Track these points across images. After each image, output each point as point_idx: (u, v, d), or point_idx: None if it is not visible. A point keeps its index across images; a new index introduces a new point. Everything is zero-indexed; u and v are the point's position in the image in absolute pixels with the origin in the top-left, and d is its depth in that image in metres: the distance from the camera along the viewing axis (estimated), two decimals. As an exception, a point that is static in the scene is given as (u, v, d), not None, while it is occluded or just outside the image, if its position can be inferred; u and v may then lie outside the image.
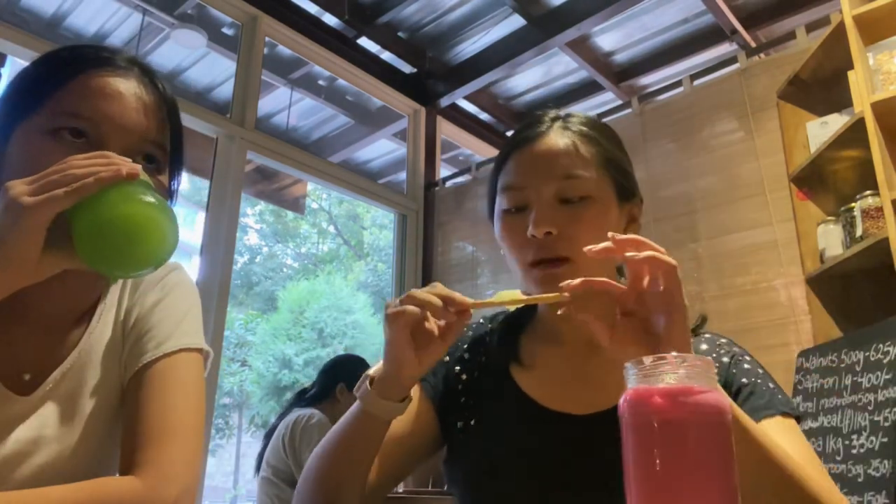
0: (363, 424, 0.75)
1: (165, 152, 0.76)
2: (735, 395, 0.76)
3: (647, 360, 0.49)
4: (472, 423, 0.84)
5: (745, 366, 0.80)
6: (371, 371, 0.76)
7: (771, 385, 0.78)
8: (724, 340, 0.84)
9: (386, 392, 0.73)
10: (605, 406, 0.78)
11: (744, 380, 0.77)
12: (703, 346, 0.83)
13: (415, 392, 0.85)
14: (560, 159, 0.80)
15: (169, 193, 0.79)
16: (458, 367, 0.89)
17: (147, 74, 0.76)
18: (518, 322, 0.92)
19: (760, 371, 0.80)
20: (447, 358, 0.90)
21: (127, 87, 0.73)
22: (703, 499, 0.45)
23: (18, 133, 0.70)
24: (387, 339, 0.71)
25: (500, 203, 0.84)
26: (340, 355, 2.95)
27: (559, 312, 0.64)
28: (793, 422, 0.75)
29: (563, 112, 0.87)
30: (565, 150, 0.81)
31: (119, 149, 0.69)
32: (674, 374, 0.47)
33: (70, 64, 0.72)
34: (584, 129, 0.84)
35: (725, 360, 0.80)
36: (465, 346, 0.92)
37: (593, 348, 0.84)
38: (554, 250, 0.78)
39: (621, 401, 0.50)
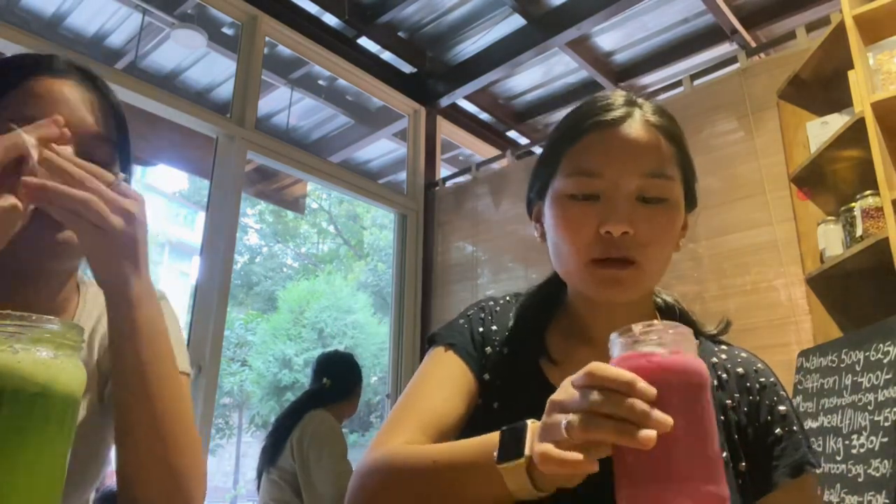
0: (482, 490, 0.60)
1: (113, 147, 0.77)
2: (762, 440, 0.74)
3: (637, 327, 0.50)
4: (495, 405, 0.78)
5: (782, 408, 0.75)
6: (528, 437, 0.57)
7: (801, 435, 0.76)
8: (760, 365, 0.80)
9: (534, 478, 0.56)
10: None
11: (777, 430, 0.74)
12: (739, 370, 0.78)
13: (460, 365, 0.79)
14: (647, 154, 0.74)
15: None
16: (483, 339, 0.83)
17: (87, 76, 0.77)
18: (544, 314, 0.85)
19: (795, 417, 0.77)
20: (481, 328, 0.84)
21: (72, 90, 0.74)
22: (690, 460, 0.46)
23: None
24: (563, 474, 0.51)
25: (564, 186, 0.75)
26: (322, 353, 2.90)
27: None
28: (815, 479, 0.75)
29: (633, 96, 0.79)
30: (652, 145, 0.74)
31: (74, 151, 0.69)
32: (660, 341, 0.48)
33: (13, 70, 0.73)
34: (664, 122, 0.77)
35: (757, 386, 0.77)
36: (493, 319, 0.85)
37: None
38: (624, 250, 0.71)
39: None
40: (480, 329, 0.84)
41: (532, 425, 0.58)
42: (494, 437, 0.60)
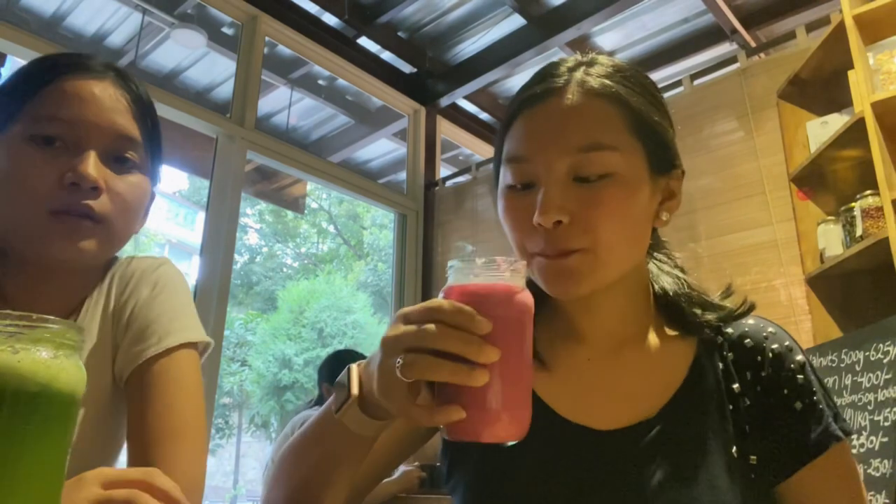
0: (342, 440, 0.64)
1: (142, 150, 0.78)
2: (782, 418, 0.67)
3: (480, 261, 0.51)
4: None
5: (800, 377, 0.69)
6: (354, 379, 0.62)
7: (825, 403, 0.69)
8: (772, 329, 0.74)
9: (373, 412, 0.61)
10: (631, 421, 0.68)
11: (797, 404, 0.67)
12: (748, 342, 0.74)
13: None
14: (577, 126, 0.64)
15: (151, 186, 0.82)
16: None
17: (122, 77, 0.78)
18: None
19: (817, 383, 0.70)
20: None
21: (102, 88, 0.74)
22: (509, 388, 0.50)
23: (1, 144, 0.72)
24: (383, 380, 0.54)
25: (504, 176, 0.69)
26: (328, 355, 2.94)
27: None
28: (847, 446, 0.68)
29: (586, 58, 0.71)
30: (584, 114, 0.65)
31: (96, 149, 0.71)
32: (491, 273, 0.52)
33: (46, 71, 0.74)
34: (610, 83, 0.66)
35: (770, 356, 0.71)
36: None
37: (618, 347, 0.73)
38: (565, 242, 0.63)
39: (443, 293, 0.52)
40: None
41: (356, 367, 0.62)
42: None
